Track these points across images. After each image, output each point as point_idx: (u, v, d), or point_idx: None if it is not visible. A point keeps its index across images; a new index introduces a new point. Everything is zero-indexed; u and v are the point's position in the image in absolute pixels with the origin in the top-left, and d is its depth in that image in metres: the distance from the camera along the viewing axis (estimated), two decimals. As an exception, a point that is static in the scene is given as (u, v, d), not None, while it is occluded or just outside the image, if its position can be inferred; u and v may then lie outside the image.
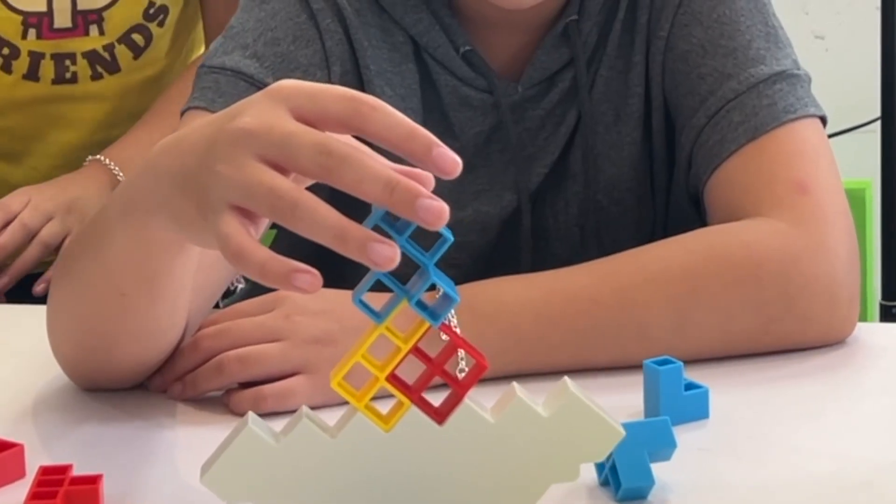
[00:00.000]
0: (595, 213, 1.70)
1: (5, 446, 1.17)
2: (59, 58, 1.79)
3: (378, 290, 0.94)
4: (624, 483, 1.08)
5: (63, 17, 1.77)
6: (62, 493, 1.08)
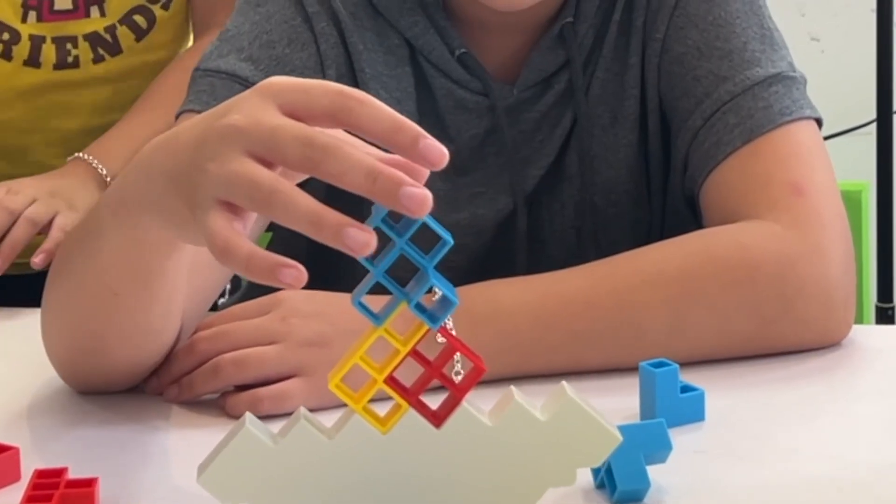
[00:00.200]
0: (591, 216, 1.70)
1: (0, 449, 1.16)
2: (59, 41, 1.79)
3: (377, 293, 0.94)
4: (619, 486, 1.08)
5: (61, 1, 1.78)
6: (57, 497, 1.08)
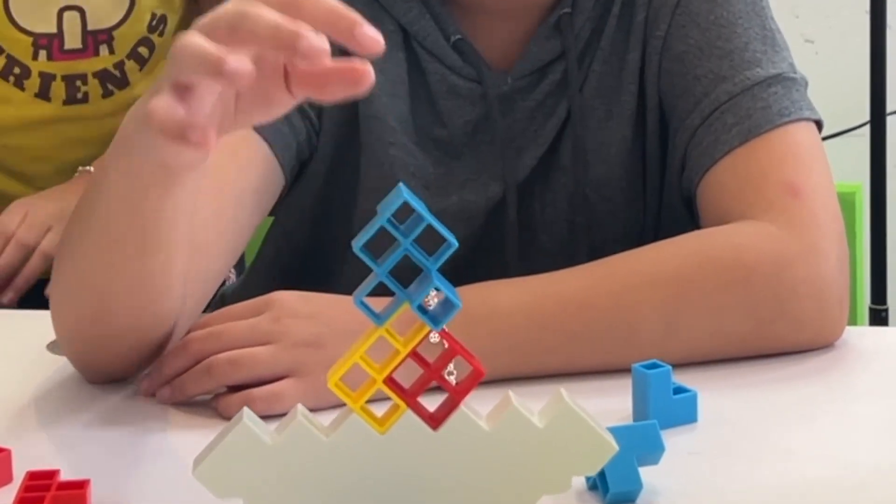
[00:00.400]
0: (583, 209, 1.71)
1: None
2: (69, 79, 1.81)
3: (377, 294, 0.95)
4: (612, 488, 1.09)
5: (73, 38, 1.79)
6: (49, 498, 1.09)
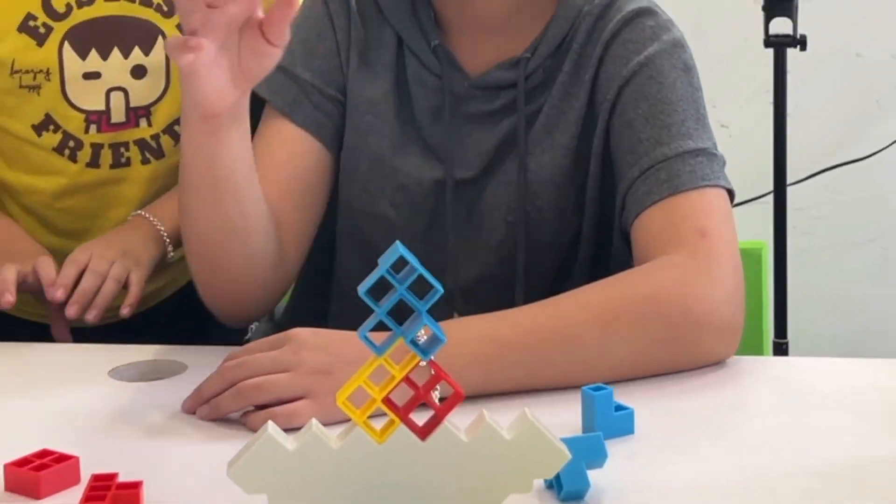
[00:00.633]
0: (522, 216, 1.72)
1: (64, 458, 1.17)
2: (115, 147, 1.76)
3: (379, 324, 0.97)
4: (565, 486, 1.12)
5: (118, 113, 1.76)
6: (109, 497, 1.11)
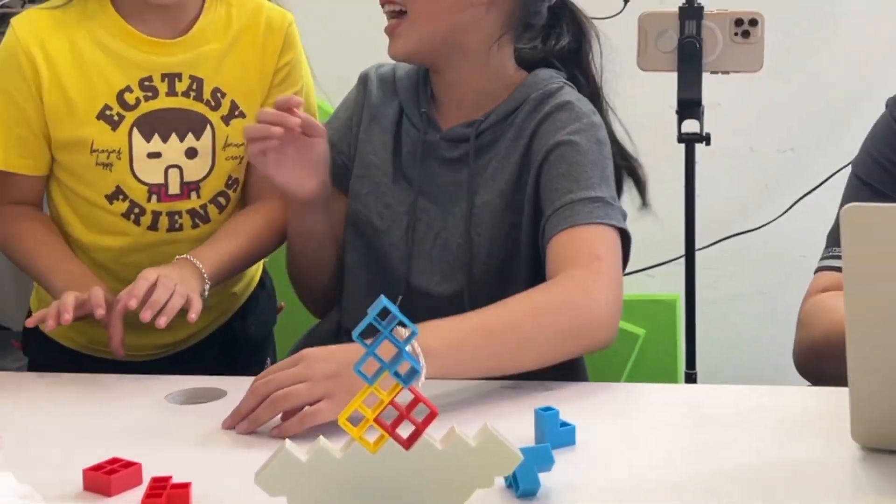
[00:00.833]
0: (467, 240, 1.72)
1: (129, 465, 1.16)
2: (171, 214, 1.75)
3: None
4: (521, 486, 1.11)
5: (174, 187, 1.74)
6: (165, 495, 1.10)
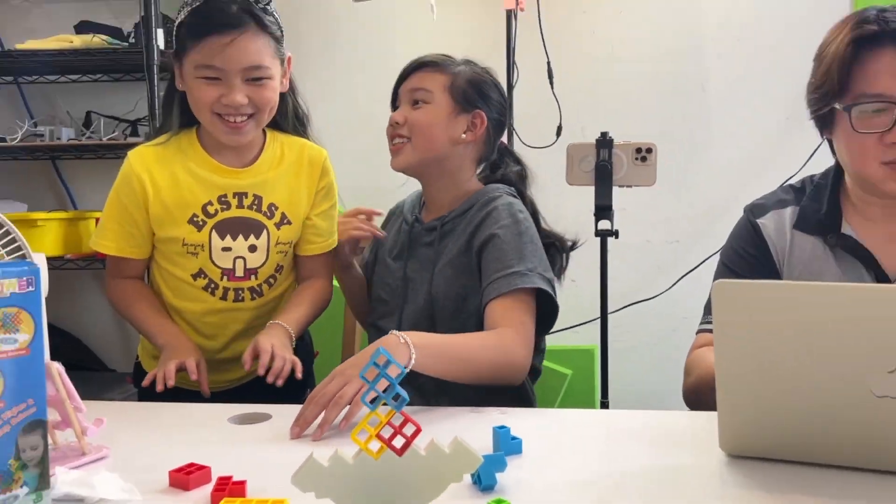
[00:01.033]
0: (429, 296, 1.76)
1: (202, 468, 1.16)
2: (237, 290, 1.76)
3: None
4: (483, 482, 1.11)
5: (240, 271, 1.75)
6: (227, 489, 1.09)
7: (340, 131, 3.02)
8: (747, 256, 1.64)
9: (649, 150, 2.22)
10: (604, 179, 2.22)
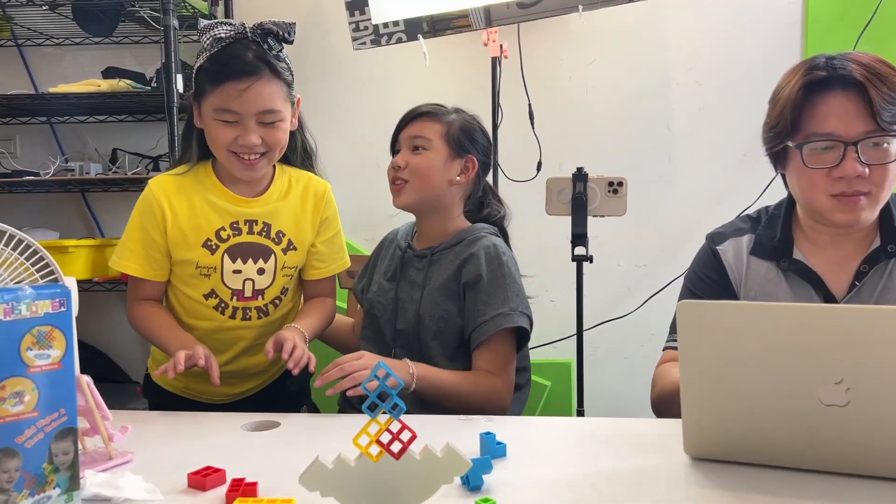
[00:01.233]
0: (417, 317, 1.77)
1: (217, 470, 1.16)
2: (244, 309, 1.75)
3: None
4: (471, 482, 1.11)
5: (248, 292, 1.74)
6: (241, 489, 1.09)
7: (344, 165, 3.03)
8: (708, 280, 1.64)
9: (620, 184, 2.23)
10: (579, 210, 2.21)
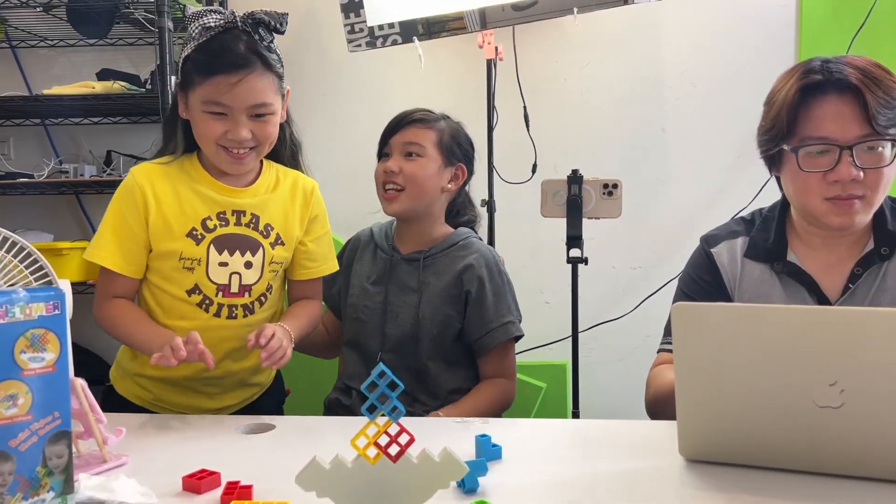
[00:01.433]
0: (415, 322, 1.80)
1: (212, 473, 1.16)
2: (230, 306, 1.70)
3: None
4: (467, 485, 1.11)
5: (235, 287, 1.69)
6: (236, 493, 1.09)
7: (339, 166, 3.02)
8: (702, 282, 1.64)
9: (615, 186, 2.23)
10: (574, 212, 2.21)
